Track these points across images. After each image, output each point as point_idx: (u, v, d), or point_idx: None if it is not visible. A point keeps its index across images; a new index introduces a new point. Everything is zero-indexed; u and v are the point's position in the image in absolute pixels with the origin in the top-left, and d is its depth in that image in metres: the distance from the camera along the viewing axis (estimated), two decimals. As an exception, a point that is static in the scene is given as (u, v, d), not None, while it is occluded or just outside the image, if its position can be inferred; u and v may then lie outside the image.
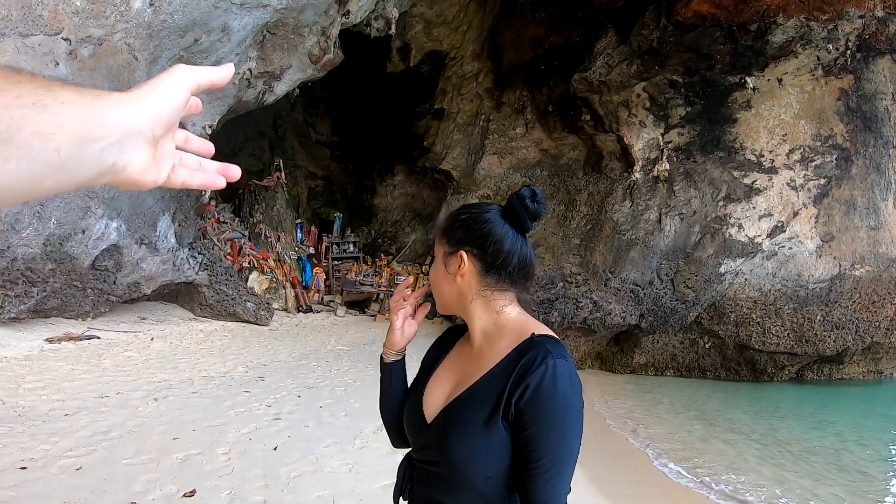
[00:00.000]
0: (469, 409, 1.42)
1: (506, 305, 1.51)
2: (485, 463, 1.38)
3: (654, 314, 14.46)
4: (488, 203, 1.57)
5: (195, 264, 12.28)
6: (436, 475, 1.47)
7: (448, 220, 1.59)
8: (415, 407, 1.57)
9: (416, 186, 22.00)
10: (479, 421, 1.38)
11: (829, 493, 7.34)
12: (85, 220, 9.30)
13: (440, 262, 1.58)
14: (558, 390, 1.33)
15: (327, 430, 6.23)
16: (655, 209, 15.16)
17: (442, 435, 1.44)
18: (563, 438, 1.34)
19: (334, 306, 17.83)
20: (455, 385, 1.51)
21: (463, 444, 1.39)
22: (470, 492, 1.41)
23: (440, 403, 1.51)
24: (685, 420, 10.82)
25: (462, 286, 1.53)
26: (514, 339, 1.45)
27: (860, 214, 14.07)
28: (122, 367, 8.16)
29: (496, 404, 1.37)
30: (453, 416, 1.45)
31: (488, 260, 1.49)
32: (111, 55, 9.60)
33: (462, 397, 1.45)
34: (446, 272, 1.55)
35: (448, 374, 1.57)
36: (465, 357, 1.56)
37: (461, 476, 1.40)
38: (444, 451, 1.42)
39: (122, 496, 4.13)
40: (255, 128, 21.46)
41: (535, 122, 17.79)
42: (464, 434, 1.40)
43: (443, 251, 1.57)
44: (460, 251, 1.51)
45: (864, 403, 12.62)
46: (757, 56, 13.95)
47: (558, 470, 1.34)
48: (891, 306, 13.76)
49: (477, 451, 1.38)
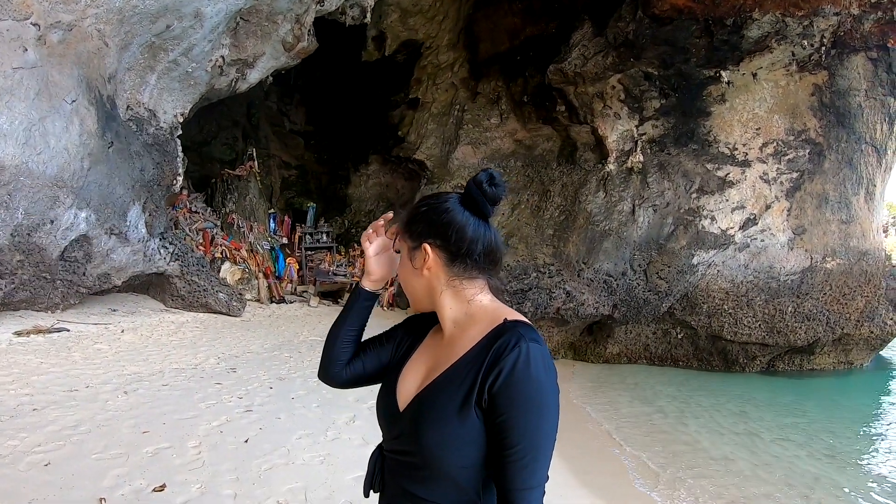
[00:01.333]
0: (441, 397, 1.39)
1: (477, 294, 1.49)
2: (459, 451, 1.35)
3: (627, 305, 14.57)
4: (446, 192, 1.54)
5: (166, 255, 12.12)
6: (409, 465, 1.44)
7: (407, 214, 1.56)
8: (388, 395, 1.55)
9: (390, 176, 21.96)
10: (452, 408, 1.36)
11: (800, 482, 7.44)
12: (53, 210, 9.13)
13: (406, 259, 1.56)
14: (532, 374, 1.30)
15: (299, 422, 6.19)
16: (629, 200, 15.25)
17: (415, 423, 1.41)
18: (538, 423, 1.30)
19: (307, 297, 17.75)
20: (427, 373, 1.49)
21: (436, 432, 1.36)
22: (444, 482, 1.38)
23: (413, 391, 1.48)
24: (657, 408, 10.91)
25: (430, 279, 1.51)
26: (486, 325, 1.42)
27: (832, 208, 14.30)
28: (92, 359, 8.03)
29: (469, 391, 1.34)
30: (426, 403, 1.42)
31: (452, 249, 1.47)
32: (81, 41, 9.43)
33: (434, 384, 1.43)
34: (412, 268, 1.53)
35: (420, 362, 1.55)
36: (437, 345, 1.54)
37: (435, 465, 1.37)
38: (417, 439, 1.39)
39: (90, 492, 4.06)
40: (228, 116, 21.27)
41: (509, 112, 17.82)
42: (437, 422, 1.37)
43: (407, 247, 1.55)
44: (423, 244, 1.49)
45: (834, 393, 12.83)
46: (732, 50, 14.08)
47: (535, 456, 1.30)
48: (861, 298, 14.02)
49: (450, 440, 1.35)
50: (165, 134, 12.28)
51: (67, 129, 9.10)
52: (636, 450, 8.35)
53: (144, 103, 11.79)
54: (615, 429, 9.40)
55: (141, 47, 10.95)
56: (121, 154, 10.56)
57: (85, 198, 9.61)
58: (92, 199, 9.78)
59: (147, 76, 11.55)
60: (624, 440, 8.78)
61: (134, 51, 10.85)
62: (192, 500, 4.14)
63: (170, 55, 11.47)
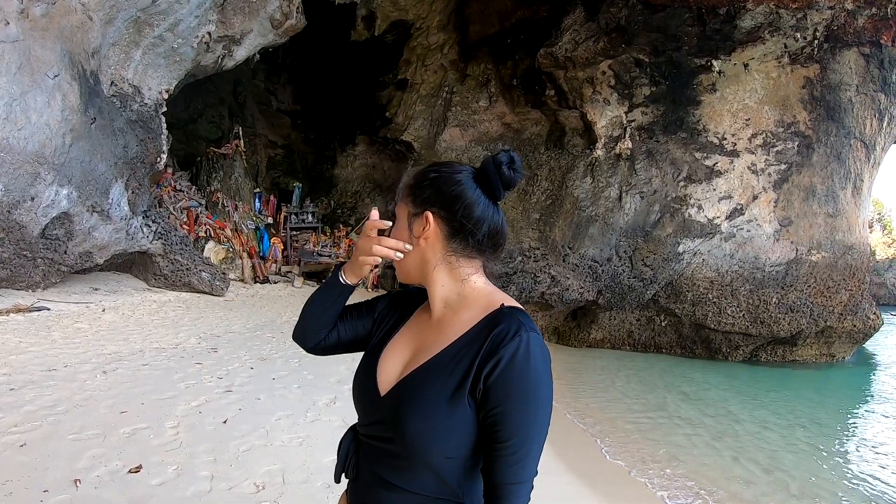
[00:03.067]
0: (430, 383, 1.31)
1: (472, 274, 1.42)
2: (445, 442, 1.28)
3: (611, 291, 14.62)
4: (460, 164, 1.46)
5: (149, 233, 12.03)
6: (387, 452, 1.36)
7: (415, 177, 1.46)
8: (367, 378, 1.45)
9: (376, 157, 21.84)
10: (441, 396, 1.28)
11: (781, 471, 7.49)
12: (34, 187, 9.02)
13: (403, 224, 1.45)
14: (531, 366, 1.24)
15: (279, 403, 6.15)
16: (616, 187, 15.26)
17: (397, 410, 1.33)
18: (533, 417, 1.25)
19: (292, 277, 17.71)
20: (412, 356, 1.41)
21: (421, 421, 1.28)
22: (424, 472, 1.31)
23: (395, 375, 1.39)
24: (638, 393, 10.96)
25: (426, 251, 1.42)
26: (480, 309, 1.36)
27: (819, 201, 14.36)
28: (72, 339, 7.96)
29: (462, 379, 1.28)
30: (412, 389, 1.33)
31: (456, 224, 1.39)
32: (64, 15, 9.29)
33: (422, 369, 1.34)
34: (410, 235, 1.44)
35: (405, 343, 1.46)
36: (425, 326, 1.46)
37: (417, 455, 1.30)
38: (399, 427, 1.31)
39: (65, 472, 4.02)
40: (215, 94, 21.07)
41: (498, 95, 17.72)
42: (423, 410, 1.29)
43: (407, 211, 1.45)
44: (426, 212, 1.40)
45: (816, 385, 12.91)
46: (724, 40, 14.04)
47: (527, 450, 1.25)
48: (845, 292, 14.12)
49: (437, 429, 1.28)
50: (150, 111, 12.14)
51: (49, 105, 8.98)
52: (611, 433, 8.38)
53: (129, 79, 11.63)
54: (590, 411, 9.43)
55: (126, 22, 10.79)
56: (103, 130, 10.44)
57: (66, 174, 9.50)
58: (73, 175, 9.67)
59: (132, 52, 11.40)
60: (598, 423, 8.80)
61: (119, 25, 10.69)
62: (168, 482, 4.09)
63: (155, 30, 11.32)
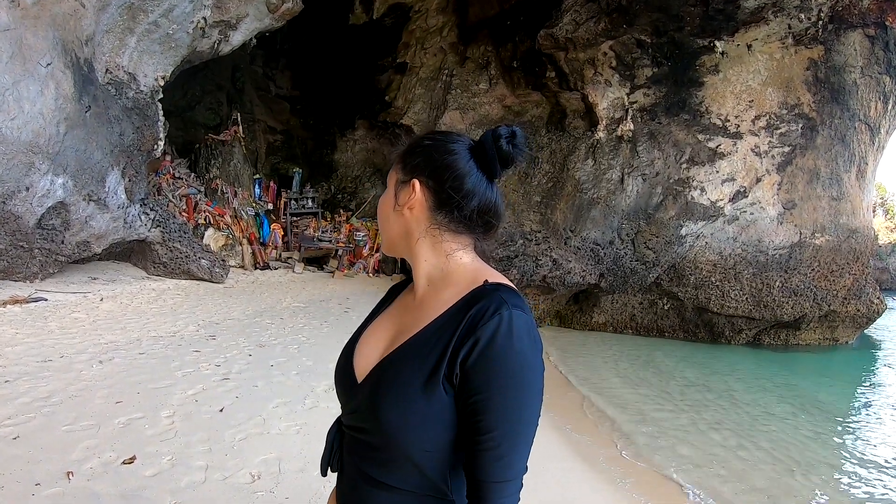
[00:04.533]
0: (405, 368, 1.19)
1: (457, 250, 1.30)
2: (422, 433, 1.15)
3: (613, 274, 14.55)
4: (458, 134, 1.35)
5: (147, 221, 11.97)
6: (366, 444, 1.25)
7: (409, 144, 1.39)
8: (345, 364, 1.36)
9: (376, 142, 21.74)
10: (416, 381, 1.16)
11: (785, 455, 7.45)
12: (29, 177, 8.95)
13: (391, 192, 1.37)
14: (514, 347, 1.10)
15: (277, 390, 6.10)
16: (618, 169, 15.15)
17: (373, 398, 1.21)
18: (519, 406, 1.11)
19: (292, 263, 17.67)
20: (391, 339, 1.30)
21: (396, 409, 1.16)
22: (405, 466, 1.19)
23: (373, 360, 1.28)
24: (642, 378, 10.93)
25: (409, 221, 1.32)
26: (463, 287, 1.24)
27: (823, 184, 14.24)
28: (69, 329, 7.91)
29: (437, 363, 1.14)
30: (386, 374, 1.22)
31: (443, 195, 1.28)
32: (57, 2, 9.20)
33: (396, 353, 1.23)
34: (395, 203, 1.35)
35: (384, 327, 1.36)
36: (406, 308, 1.36)
37: (394, 447, 1.18)
38: (374, 416, 1.19)
39: (58, 465, 3.97)
40: (212, 80, 20.94)
41: (498, 78, 17.58)
42: (397, 397, 1.17)
43: (396, 178, 1.37)
44: (414, 180, 1.31)
45: (819, 368, 12.86)
46: (727, 20, 13.87)
47: (512, 444, 1.12)
48: (849, 276, 14.03)
49: (412, 419, 1.15)
50: (146, 98, 12.04)
51: (42, 93, 8.89)
52: (615, 417, 8.34)
53: (124, 66, 11.52)
54: (593, 395, 9.39)
55: (119, 8, 10.67)
56: (99, 118, 10.35)
57: (61, 163, 9.43)
58: (69, 164, 9.59)
59: (126, 38, 11.28)
60: (601, 407, 8.77)
61: (112, 12, 10.58)
62: (162, 473, 4.05)
63: (150, 16, 11.21)
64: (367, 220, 20.07)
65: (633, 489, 5.80)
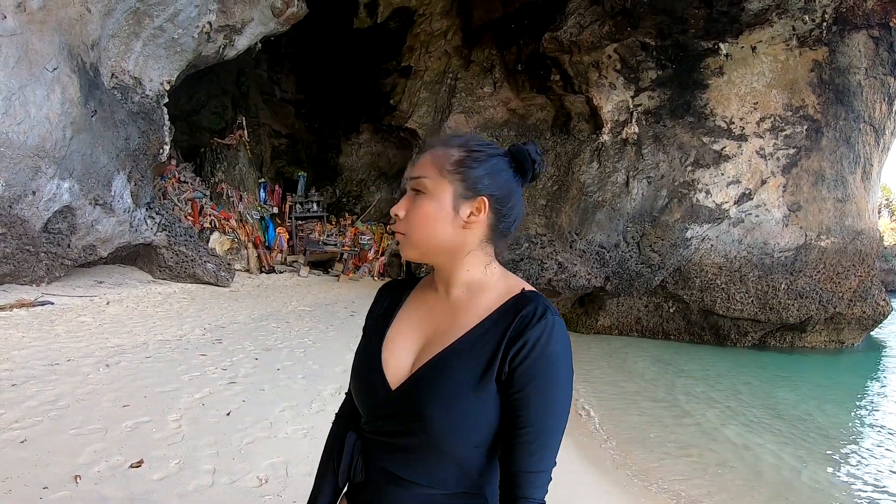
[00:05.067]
0: (456, 368, 1.23)
1: (493, 259, 1.37)
2: (472, 430, 1.22)
3: (619, 277, 14.53)
4: (493, 145, 1.38)
5: (153, 225, 11.99)
6: (401, 448, 1.27)
7: (463, 152, 1.33)
8: (371, 372, 1.34)
9: (381, 145, 21.76)
10: (468, 381, 1.21)
11: (791, 455, 7.43)
12: (35, 181, 8.97)
13: (445, 201, 1.30)
14: (556, 350, 1.19)
15: (283, 394, 6.11)
16: (623, 172, 15.13)
17: (418, 401, 1.24)
18: (554, 403, 1.20)
19: (297, 266, 17.67)
20: (425, 343, 1.32)
21: (448, 410, 1.21)
22: (446, 464, 1.25)
23: (408, 365, 1.30)
24: (648, 380, 10.91)
25: (466, 235, 1.31)
26: (501, 292, 1.31)
27: (828, 186, 14.19)
28: (75, 333, 7.93)
29: (489, 362, 1.21)
30: (434, 377, 1.25)
31: (503, 215, 1.34)
32: (62, 7, 9.22)
33: (443, 356, 1.26)
34: (452, 213, 1.30)
35: (410, 330, 1.36)
36: (434, 310, 1.36)
37: (440, 446, 1.23)
38: (420, 418, 1.22)
39: (66, 469, 3.97)
40: (217, 85, 20.98)
41: (503, 81, 17.58)
42: (451, 398, 1.21)
43: (454, 190, 1.30)
44: (481, 198, 1.30)
45: (826, 371, 12.81)
46: (732, 22, 13.85)
47: (547, 439, 1.20)
48: (854, 278, 13.98)
49: (465, 417, 1.21)
50: (151, 102, 12.07)
51: (49, 98, 8.91)
52: (620, 419, 8.33)
53: (129, 71, 11.55)
54: (599, 397, 9.38)
55: (125, 13, 10.71)
56: (104, 123, 10.38)
57: (68, 168, 9.45)
58: (75, 168, 9.62)
59: (132, 43, 11.31)
60: (607, 410, 8.75)
61: (118, 17, 10.61)
62: (170, 476, 4.05)
63: (155, 21, 11.24)
64: (372, 224, 20.07)
65: (641, 492, 5.79)
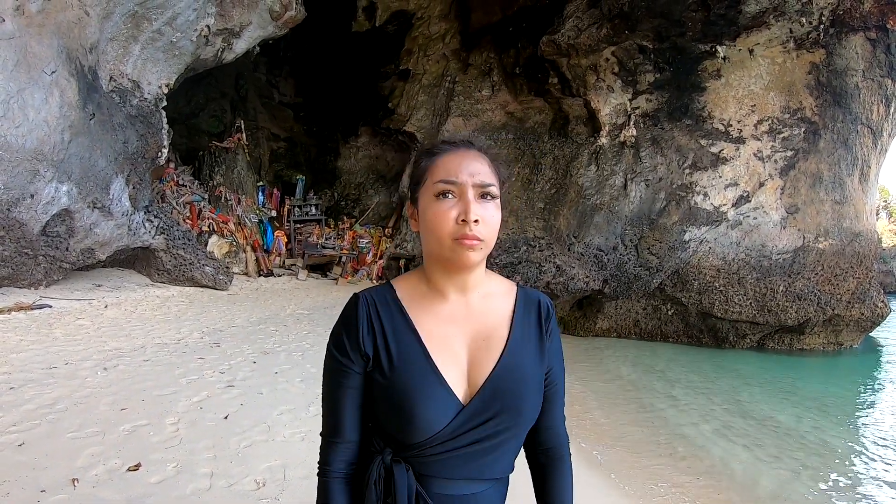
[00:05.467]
0: (524, 362, 1.38)
1: None
2: (539, 406, 1.42)
3: (617, 280, 14.53)
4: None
5: (151, 228, 11.99)
6: (480, 453, 1.32)
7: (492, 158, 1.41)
8: (435, 391, 1.31)
9: (379, 148, 21.78)
10: (534, 367, 1.40)
11: (790, 457, 7.43)
12: (34, 184, 8.97)
13: (499, 205, 1.38)
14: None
15: (281, 397, 6.11)
16: (621, 175, 15.15)
17: (510, 399, 1.33)
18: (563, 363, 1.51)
19: (296, 270, 17.68)
20: (474, 351, 1.37)
21: (537, 396, 1.40)
22: (512, 453, 1.40)
23: (464, 377, 1.34)
24: (647, 382, 10.91)
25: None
26: (505, 290, 1.46)
27: (826, 188, 14.20)
28: (74, 336, 7.93)
29: (539, 347, 1.42)
30: (513, 374, 1.36)
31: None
32: (61, 10, 9.24)
33: (509, 353, 1.37)
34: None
35: (450, 344, 1.36)
36: (457, 320, 1.39)
37: (525, 433, 1.41)
38: (518, 413, 1.35)
39: (64, 472, 3.97)
40: (216, 88, 21.00)
41: (501, 84, 17.59)
42: (532, 385, 1.38)
43: (496, 188, 1.37)
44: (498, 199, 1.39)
45: (824, 373, 12.81)
46: (729, 25, 13.87)
47: (564, 395, 1.50)
48: (853, 280, 13.98)
49: (541, 396, 1.42)
50: (150, 105, 12.08)
51: (47, 101, 8.93)
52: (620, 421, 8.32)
53: (128, 74, 11.56)
54: (598, 399, 9.37)
55: (123, 16, 10.72)
56: (103, 126, 10.39)
57: (66, 171, 9.46)
58: (73, 172, 9.62)
59: (130, 46, 11.33)
60: (607, 411, 8.74)
61: (116, 20, 10.63)
62: (168, 480, 4.05)
63: (153, 24, 11.26)
64: (370, 227, 20.09)
65: (640, 495, 5.79)
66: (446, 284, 1.39)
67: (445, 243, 1.30)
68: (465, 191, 1.30)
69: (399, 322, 1.37)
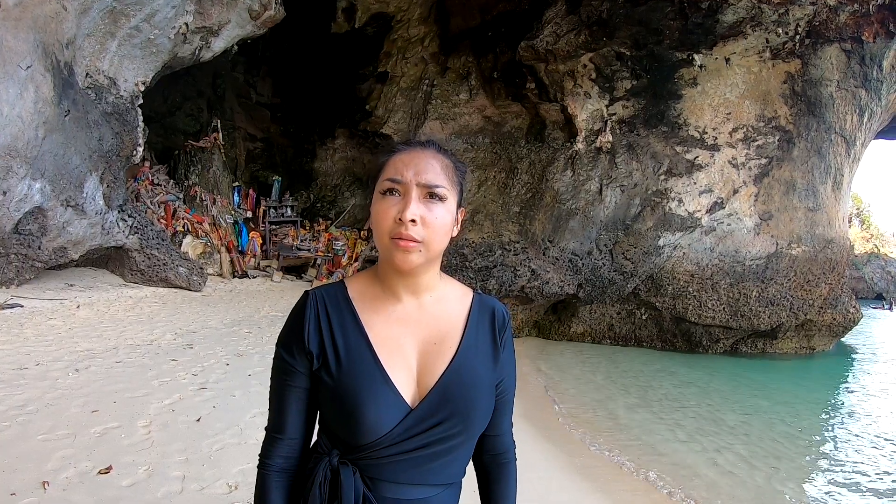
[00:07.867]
0: (475, 366, 1.37)
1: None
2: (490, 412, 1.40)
3: (592, 284, 14.63)
4: None
5: (125, 228, 11.87)
6: (429, 457, 1.30)
7: (454, 161, 1.37)
8: (381, 395, 1.28)
9: (356, 151, 21.74)
10: (486, 372, 1.38)
11: (762, 462, 7.52)
12: (6, 181, 8.86)
13: (453, 211, 1.33)
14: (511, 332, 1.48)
15: (254, 400, 6.08)
16: (597, 180, 15.26)
17: (458, 402, 1.30)
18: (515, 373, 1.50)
19: (270, 271, 17.59)
20: (423, 354, 1.34)
21: (487, 400, 1.38)
22: (463, 459, 1.39)
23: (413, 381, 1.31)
24: (620, 387, 10.97)
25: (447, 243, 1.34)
26: (459, 295, 1.44)
27: (799, 195, 14.46)
28: (45, 336, 7.84)
29: (493, 352, 1.41)
30: (462, 379, 1.32)
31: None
32: (38, 4, 9.14)
33: (460, 357, 1.34)
34: (452, 224, 1.33)
35: (398, 347, 1.34)
36: (410, 322, 1.36)
37: (475, 438, 1.39)
38: (466, 417, 1.31)
39: (34, 475, 3.94)
40: (193, 87, 20.79)
41: (479, 88, 17.64)
42: (482, 390, 1.36)
43: (455, 200, 1.34)
44: (462, 209, 1.39)
45: (796, 376, 13.01)
46: (706, 34, 14.08)
47: (513, 403, 1.50)
48: (825, 286, 14.22)
49: (491, 402, 1.40)
50: (126, 103, 11.96)
51: (21, 97, 8.82)
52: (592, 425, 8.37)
53: (104, 71, 11.44)
54: (572, 404, 9.42)
55: (101, 12, 10.61)
56: (78, 123, 10.27)
57: (39, 168, 9.34)
58: (47, 169, 9.51)
59: (107, 42, 11.21)
60: (580, 416, 8.79)
61: (94, 16, 10.52)
62: (139, 483, 4.03)
63: (131, 21, 11.15)
64: (346, 230, 20.04)
65: (614, 496, 5.83)
66: (398, 285, 1.36)
67: (384, 241, 1.28)
68: (409, 189, 1.27)
69: (348, 322, 1.35)
